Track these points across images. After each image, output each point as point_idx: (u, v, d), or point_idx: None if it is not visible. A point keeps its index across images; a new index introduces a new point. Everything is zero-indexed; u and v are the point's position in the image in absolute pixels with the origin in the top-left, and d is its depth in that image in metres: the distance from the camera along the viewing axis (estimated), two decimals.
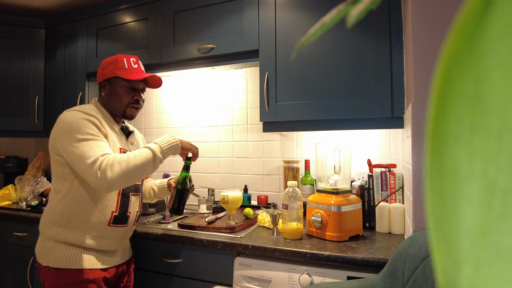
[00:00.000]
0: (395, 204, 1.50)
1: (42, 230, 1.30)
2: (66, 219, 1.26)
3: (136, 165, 1.18)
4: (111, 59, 1.37)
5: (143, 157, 1.21)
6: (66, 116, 1.25)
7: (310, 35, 0.22)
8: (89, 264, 1.26)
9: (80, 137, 1.18)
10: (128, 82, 1.35)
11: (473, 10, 0.13)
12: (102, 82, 1.37)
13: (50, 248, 1.26)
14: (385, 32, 1.43)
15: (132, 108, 1.37)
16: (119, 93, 1.34)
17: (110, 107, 1.37)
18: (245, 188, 2.02)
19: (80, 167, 1.16)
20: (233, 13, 1.75)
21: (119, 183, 1.16)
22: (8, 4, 2.33)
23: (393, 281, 0.96)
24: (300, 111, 1.57)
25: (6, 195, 2.20)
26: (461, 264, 0.13)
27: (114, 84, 1.35)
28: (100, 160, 1.14)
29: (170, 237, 1.49)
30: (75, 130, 1.19)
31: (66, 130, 1.20)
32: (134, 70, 1.36)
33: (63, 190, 1.27)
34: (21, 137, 2.46)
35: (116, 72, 1.33)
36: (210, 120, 2.21)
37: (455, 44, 0.14)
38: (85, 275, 1.25)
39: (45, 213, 1.31)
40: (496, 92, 0.12)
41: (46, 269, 1.26)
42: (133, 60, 1.38)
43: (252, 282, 1.34)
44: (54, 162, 1.28)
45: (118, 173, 1.14)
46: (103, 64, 1.38)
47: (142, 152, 1.22)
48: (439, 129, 0.14)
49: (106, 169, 1.13)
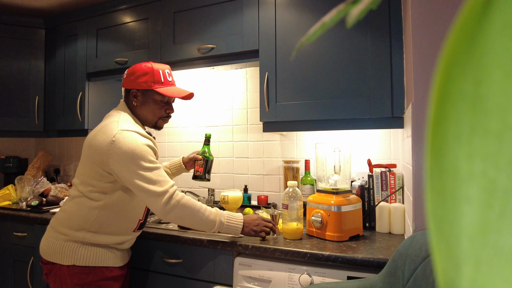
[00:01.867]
0: (395, 204, 1.50)
1: (64, 231, 1.29)
2: (98, 226, 1.29)
3: (197, 221, 1.27)
4: (146, 70, 1.36)
5: (207, 218, 1.27)
6: (126, 138, 1.23)
7: (310, 35, 0.22)
8: (114, 262, 1.34)
9: (146, 165, 1.23)
10: (164, 97, 1.38)
11: (473, 10, 0.13)
12: (134, 92, 1.37)
13: (76, 247, 1.28)
14: (385, 32, 1.43)
15: (164, 120, 1.43)
16: (153, 107, 1.38)
17: (141, 117, 1.40)
18: (245, 188, 2.02)
19: (147, 194, 1.22)
20: (233, 13, 1.75)
21: (175, 221, 1.29)
22: (8, 4, 2.33)
23: (393, 281, 0.96)
24: (300, 111, 1.57)
25: (6, 195, 2.20)
26: (461, 264, 0.13)
27: (148, 97, 1.37)
28: (170, 192, 1.23)
29: (170, 237, 1.49)
30: (140, 157, 1.22)
31: (129, 156, 1.21)
32: (169, 84, 1.40)
33: (101, 201, 1.28)
34: (21, 137, 2.46)
35: (152, 85, 1.35)
36: (210, 120, 2.21)
37: (455, 44, 0.14)
38: (111, 272, 1.33)
39: (72, 216, 1.30)
40: (496, 92, 0.13)
41: (70, 268, 1.27)
42: (168, 72, 1.40)
43: (252, 282, 1.34)
44: (95, 174, 1.27)
45: (182, 216, 1.25)
46: (135, 72, 1.36)
47: (210, 213, 1.28)
48: (439, 129, 0.14)
49: (177, 206, 1.23)
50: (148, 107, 1.37)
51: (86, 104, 2.17)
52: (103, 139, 1.25)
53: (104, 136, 1.26)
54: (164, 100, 1.38)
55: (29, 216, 1.89)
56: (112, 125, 1.28)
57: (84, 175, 1.30)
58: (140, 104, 1.37)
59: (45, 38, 2.40)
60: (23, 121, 2.34)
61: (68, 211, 1.32)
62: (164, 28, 1.92)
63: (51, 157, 2.63)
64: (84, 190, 1.30)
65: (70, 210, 1.31)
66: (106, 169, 1.25)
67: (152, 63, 1.38)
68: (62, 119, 2.28)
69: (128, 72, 1.39)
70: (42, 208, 1.97)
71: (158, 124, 1.42)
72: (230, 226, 1.30)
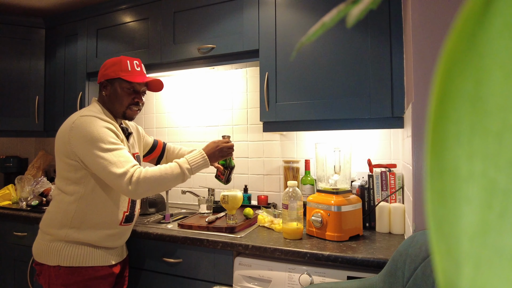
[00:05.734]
0: (395, 204, 1.50)
1: (48, 231, 1.30)
2: (79, 220, 1.28)
3: (166, 183, 1.27)
4: (115, 60, 1.38)
5: (174, 175, 1.27)
6: (84, 123, 1.25)
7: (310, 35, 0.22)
8: (101, 261, 1.32)
9: (105, 146, 1.21)
10: (130, 84, 1.37)
11: (473, 10, 0.13)
12: (103, 82, 1.38)
13: (61, 248, 1.28)
14: (385, 32, 1.43)
15: (132, 110, 1.40)
16: (120, 94, 1.36)
17: (111, 107, 1.39)
18: (245, 188, 2.02)
19: (108, 176, 1.21)
20: (233, 13, 1.75)
21: (147, 195, 1.27)
22: (8, 4, 2.33)
23: (393, 281, 0.96)
24: (300, 111, 1.57)
25: (6, 195, 2.20)
26: (461, 264, 0.13)
27: (115, 85, 1.37)
28: (130, 172, 1.21)
29: (170, 237, 1.49)
30: (98, 139, 1.22)
31: (87, 139, 1.22)
32: (136, 72, 1.39)
33: (77, 193, 1.28)
34: (21, 137, 2.46)
35: (119, 73, 1.35)
36: (210, 120, 2.21)
37: (455, 44, 0.14)
38: (98, 271, 1.31)
39: (53, 215, 1.31)
40: (496, 92, 0.13)
41: (55, 268, 1.27)
42: (136, 63, 1.40)
43: (252, 282, 1.34)
44: (66, 165, 1.28)
45: (150, 188, 1.23)
46: (105, 65, 1.39)
47: (174, 170, 1.28)
48: (439, 129, 0.14)
49: (139, 183, 1.20)
50: (116, 96, 1.37)
51: (86, 104, 2.17)
52: (64, 128, 1.28)
53: (65, 125, 1.30)
54: (130, 88, 1.37)
55: (29, 216, 1.89)
56: (73, 115, 1.32)
57: (58, 169, 1.32)
58: (109, 94, 1.37)
59: (45, 38, 2.40)
60: (23, 121, 2.34)
61: (50, 211, 1.33)
62: (164, 28, 1.92)
63: (51, 157, 2.63)
64: (60, 186, 1.31)
65: (52, 209, 1.33)
66: (72, 157, 1.25)
67: (122, 56, 1.40)
68: (62, 119, 2.25)
69: (100, 67, 1.41)
70: (42, 208, 1.97)
71: (127, 114, 1.39)
72: (197, 165, 1.33)
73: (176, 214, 1.98)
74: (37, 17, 2.38)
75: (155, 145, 1.68)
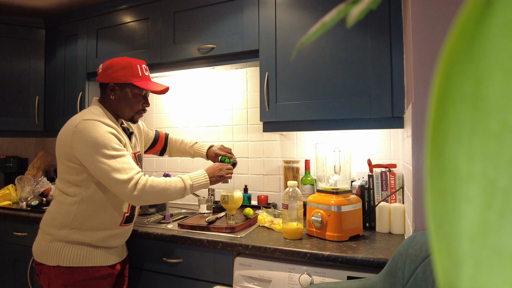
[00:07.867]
0: (395, 204, 1.50)
1: (49, 231, 1.31)
2: (80, 221, 1.29)
3: (168, 195, 1.30)
4: (124, 63, 1.35)
5: (177, 188, 1.31)
6: (86, 128, 1.24)
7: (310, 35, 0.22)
8: (101, 261, 1.32)
9: (108, 153, 1.22)
10: (141, 90, 1.38)
11: (473, 10, 0.13)
12: (111, 85, 1.35)
13: (60, 248, 1.28)
14: (385, 32, 1.43)
15: (140, 114, 1.43)
16: (131, 100, 1.37)
17: (119, 111, 1.39)
18: (245, 188, 2.02)
19: (111, 182, 1.22)
20: (233, 13, 1.75)
21: (149, 203, 1.30)
22: (8, 4, 2.33)
23: (393, 281, 0.96)
24: (300, 111, 1.57)
25: (6, 195, 2.20)
26: (461, 264, 0.13)
27: (126, 90, 1.36)
28: (135, 178, 1.23)
29: (170, 237, 1.49)
30: (101, 145, 1.21)
31: (90, 144, 1.21)
32: (146, 78, 1.40)
33: (78, 195, 1.28)
34: (21, 137, 2.46)
35: (130, 78, 1.34)
36: (210, 120, 2.21)
37: (455, 44, 0.14)
38: (98, 271, 1.31)
39: (54, 215, 1.31)
40: (496, 92, 0.13)
41: (55, 268, 1.27)
42: (144, 67, 1.41)
43: (252, 282, 1.34)
44: (67, 168, 1.28)
45: (153, 197, 1.26)
46: (113, 66, 1.35)
47: (177, 184, 1.32)
48: (439, 129, 0.14)
49: (144, 190, 1.23)
50: (126, 101, 1.36)
51: (86, 104, 2.17)
52: (66, 131, 1.27)
53: (67, 128, 1.28)
54: (141, 94, 1.38)
55: (29, 216, 1.89)
56: (75, 117, 1.31)
57: (60, 172, 1.32)
58: (117, 98, 1.36)
59: (45, 38, 2.40)
60: (23, 121, 2.34)
61: (51, 211, 1.33)
62: (164, 28, 1.92)
63: (51, 157, 2.63)
64: (62, 187, 1.31)
65: (53, 209, 1.33)
66: (74, 160, 1.25)
67: (128, 58, 1.39)
68: (62, 119, 2.27)
69: (104, 66, 1.37)
70: (42, 208, 1.97)
71: (135, 118, 1.42)
72: (199, 184, 1.37)
73: (176, 214, 1.98)
74: (37, 17, 2.37)
75: (157, 137, 1.70)
